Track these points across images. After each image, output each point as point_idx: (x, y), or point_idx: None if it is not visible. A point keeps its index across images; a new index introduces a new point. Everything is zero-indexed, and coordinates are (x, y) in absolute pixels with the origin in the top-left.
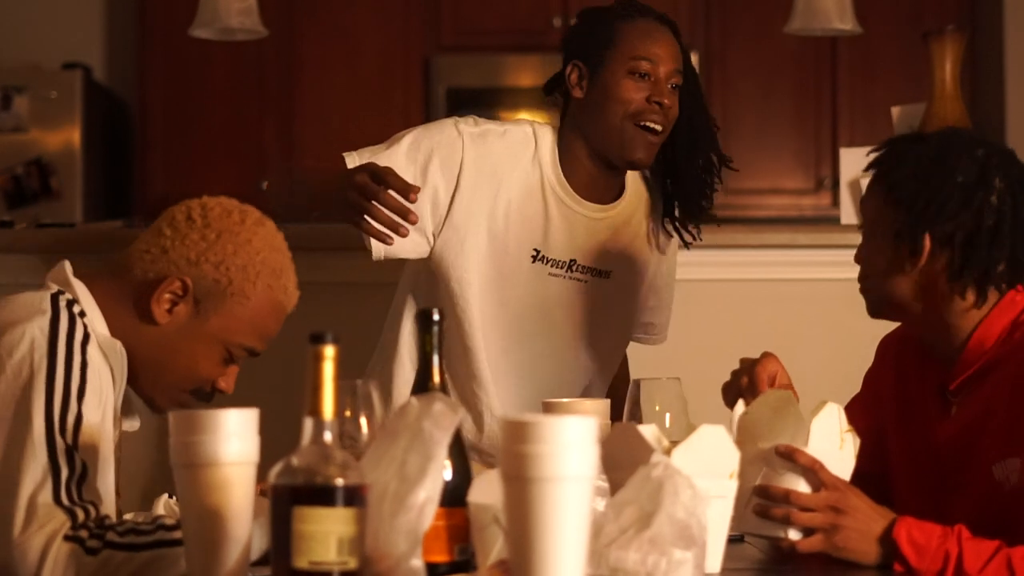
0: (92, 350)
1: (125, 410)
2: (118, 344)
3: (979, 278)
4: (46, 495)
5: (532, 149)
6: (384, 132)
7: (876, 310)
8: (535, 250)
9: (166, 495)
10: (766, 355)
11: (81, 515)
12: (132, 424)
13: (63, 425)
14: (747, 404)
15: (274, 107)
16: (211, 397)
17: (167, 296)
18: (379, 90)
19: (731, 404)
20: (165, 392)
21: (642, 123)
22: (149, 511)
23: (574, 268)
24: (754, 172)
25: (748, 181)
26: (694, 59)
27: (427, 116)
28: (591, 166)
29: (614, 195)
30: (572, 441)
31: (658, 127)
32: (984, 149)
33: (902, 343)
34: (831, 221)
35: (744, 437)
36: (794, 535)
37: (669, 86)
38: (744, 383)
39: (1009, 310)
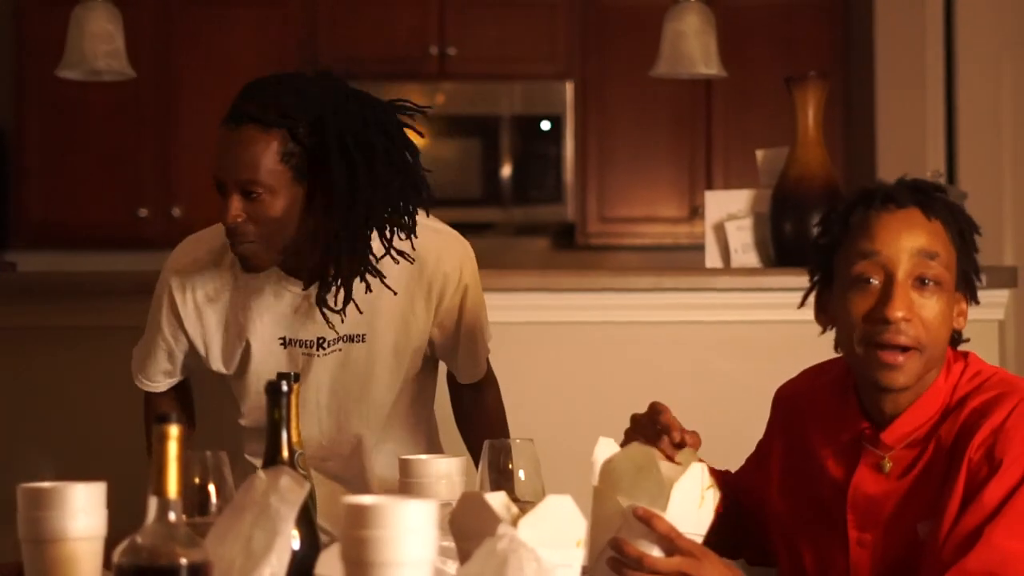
0: None
1: None
2: None
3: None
4: None
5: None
6: None
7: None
8: (280, 338)
9: None
10: (655, 404)
11: None
12: None
13: None
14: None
15: (151, 135)
16: None
17: None
18: None
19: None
20: None
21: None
22: None
23: (324, 344)
24: (629, 201)
25: (623, 209)
26: (569, 89)
27: None
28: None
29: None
30: (413, 526)
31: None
32: None
33: (798, 398)
34: (703, 250)
35: (605, 485)
36: None
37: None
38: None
39: (948, 375)
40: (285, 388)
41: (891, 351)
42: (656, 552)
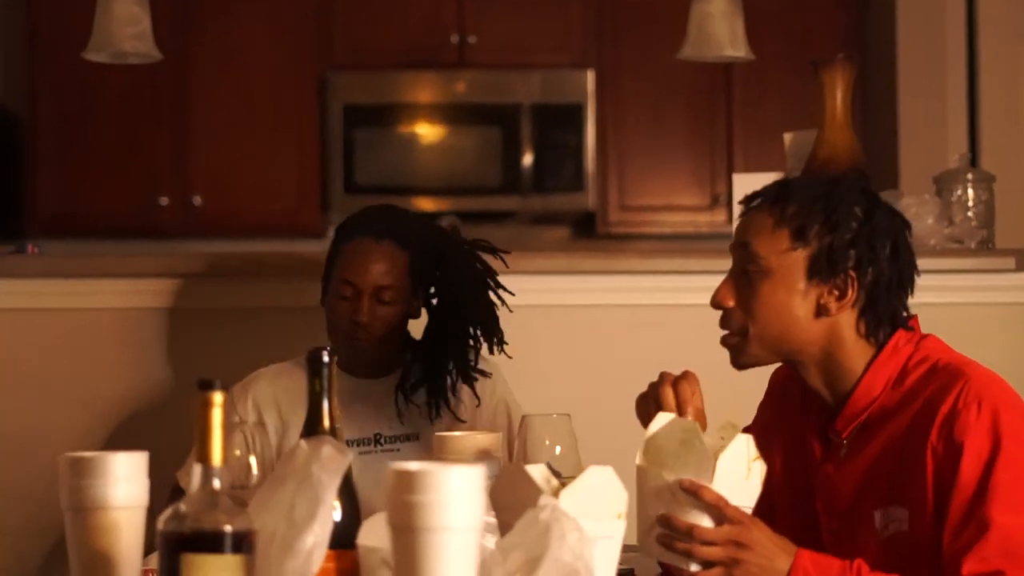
0: None
1: None
2: None
3: (887, 320)
4: None
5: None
6: (279, 150)
7: (757, 356)
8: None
9: None
10: (686, 376)
11: None
12: None
13: None
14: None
15: (167, 124)
16: None
17: None
18: (273, 107)
19: (644, 419)
20: None
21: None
22: None
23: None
24: (649, 189)
25: (643, 198)
26: (590, 77)
27: (322, 132)
28: None
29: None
30: (459, 491)
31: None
32: (858, 191)
33: (789, 380)
34: (726, 238)
35: (650, 462)
36: (695, 568)
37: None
38: (665, 401)
39: (893, 356)
40: (326, 358)
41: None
42: (706, 522)
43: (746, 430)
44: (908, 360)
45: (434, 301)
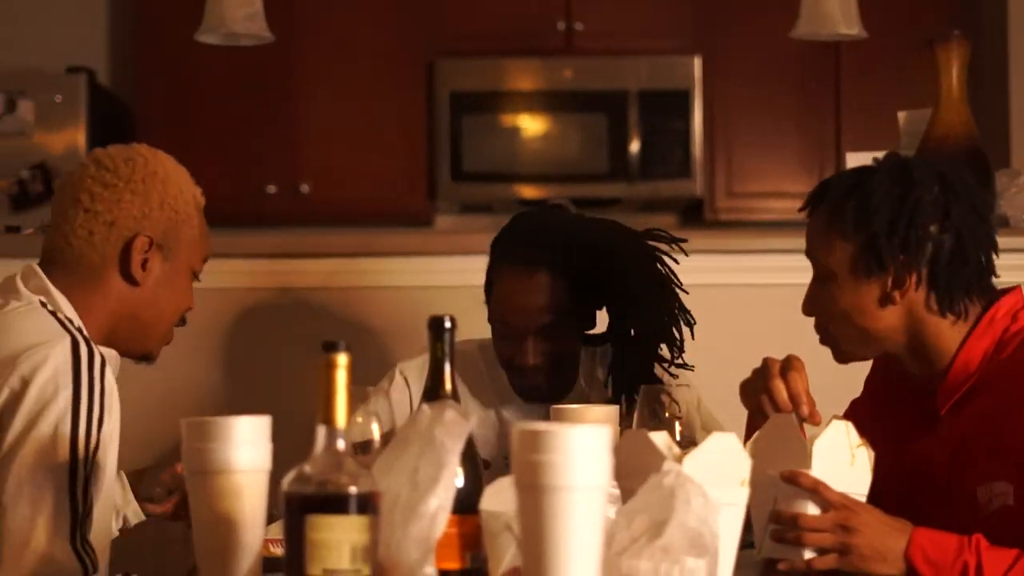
0: (108, 375)
1: None
2: (113, 353)
3: (960, 292)
4: (63, 539)
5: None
6: (386, 136)
7: (852, 353)
8: None
9: None
10: (794, 366)
11: (90, 570)
12: None
13: (86, 456)
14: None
15: (275, 111)
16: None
17: (140, 257)
18: (381, 94)
19: (748, 402)
20: (161, 338)
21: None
22: None
23: None
24: (756, 176)
25: (751, 184)
26: (697, 64)
27: (429, 120)
28: None
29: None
30: (586, 450)
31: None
32: (931, 167)
33: (887, 365)
34: None
35: (756, 462)
36: (809, 555)
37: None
38: (779, 396)
39: (990, 329)
40: (448, 324)
41: None
42: (812, 511)
43: (845, 416)
44: (1004, 332)
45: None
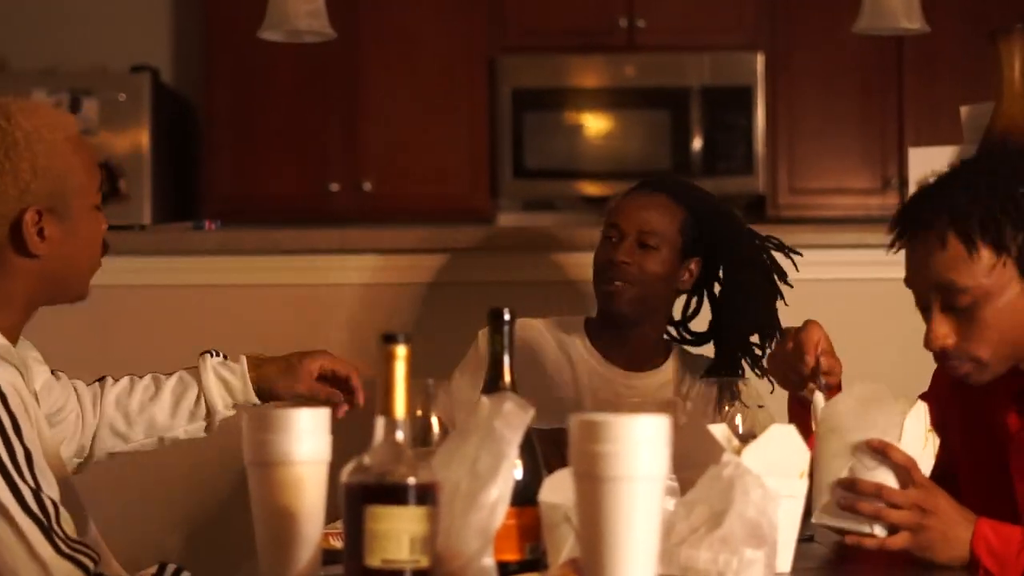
0: (2, 373)
1: None
2: (3, 340)
3: None
4: (49, 553)
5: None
6: (449, 134)
7: (996, 375)
8: None
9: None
10: (810, 323)
11: (88, 563)
12: None
13: (20, 471)
14: (807, 385)
15: (338, 109)
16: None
17: (33, 231)
18: (443, 91)
19: (776, 373)
20: (86, 281)
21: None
22: None
23: None
24: (819, 172)
25: (814, 181)
26: (759, 60)
27: (491, 117)
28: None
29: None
30: (644, 440)
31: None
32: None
33: None
34: None
35: (827, 429)
36: (879, 531)
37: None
38: (790, 347)
39: None
40: (507, 317)
41: None
42: (892, 484)
43: (923, 396)
44: None
45: (716, 291)
